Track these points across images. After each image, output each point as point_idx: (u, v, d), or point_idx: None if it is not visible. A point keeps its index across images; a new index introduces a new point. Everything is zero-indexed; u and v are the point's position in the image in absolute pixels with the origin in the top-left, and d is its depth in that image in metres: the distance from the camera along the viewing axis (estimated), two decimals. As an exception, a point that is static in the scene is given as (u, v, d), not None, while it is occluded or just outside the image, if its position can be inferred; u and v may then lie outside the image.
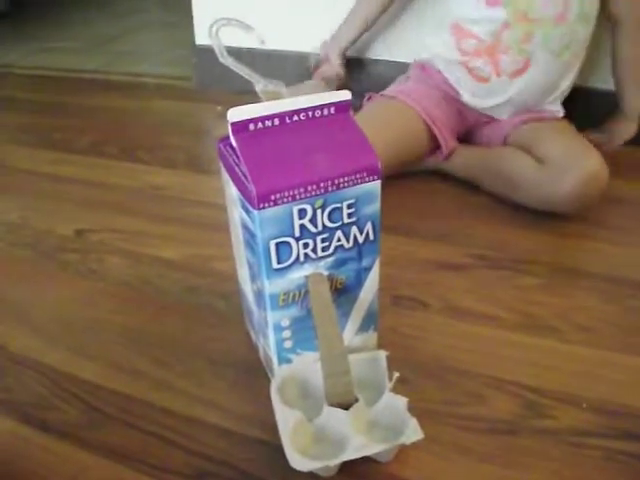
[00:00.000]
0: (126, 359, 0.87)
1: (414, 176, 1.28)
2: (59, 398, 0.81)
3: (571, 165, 1.09)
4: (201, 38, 1.79)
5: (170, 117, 1.70)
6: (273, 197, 0.63)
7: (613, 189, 1.11)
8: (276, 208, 0.64)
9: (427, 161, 1.31)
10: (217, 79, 1.75)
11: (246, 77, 0.73)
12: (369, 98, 1.37)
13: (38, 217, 1.23)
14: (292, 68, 1.66)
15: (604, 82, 1.41)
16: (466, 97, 1.30)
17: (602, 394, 0.79)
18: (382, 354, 0.75)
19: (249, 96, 0.78)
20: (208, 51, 1.76)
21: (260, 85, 0.72)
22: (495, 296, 0.97)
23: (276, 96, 0.70)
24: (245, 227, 0.69)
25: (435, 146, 1.29)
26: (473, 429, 0.75)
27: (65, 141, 1.57)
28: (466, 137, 1.36)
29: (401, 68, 1.44)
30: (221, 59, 0.75)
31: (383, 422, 0.70)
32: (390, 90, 1.34)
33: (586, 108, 1.35)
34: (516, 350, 0.87)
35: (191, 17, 1.79)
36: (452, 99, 1.32)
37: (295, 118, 0.67)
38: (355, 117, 1.25)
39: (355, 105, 0.73)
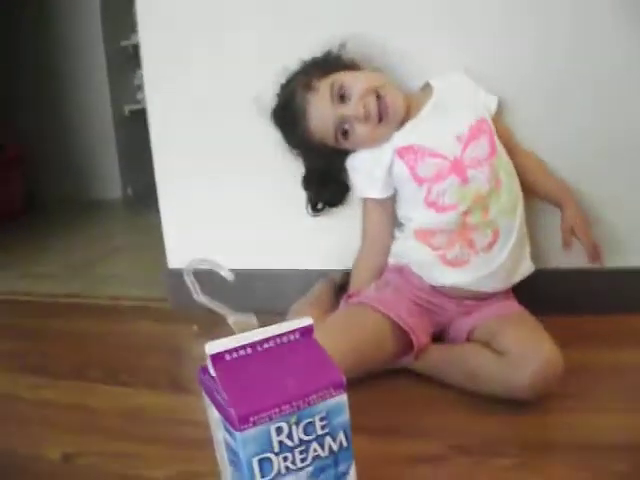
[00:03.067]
0: None
1: (380, 375, 1.31)
2: None
3: (527, 356, 1.15)
4: (173, 261, 1.86)
5: (149, 338, 1.74)
6: (252, 419, 0.70)
7: (570, 359, 1.16)
8: (255, 428, 0.71)
9: (396, 361, 1.34)
10: (191, 299, 1.80)
11: (219, 311, 0.82)
12: (349, 297, 1.43)
13: (23, 443, 1.23)
14: (263, 286, 1.77)
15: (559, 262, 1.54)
16: (449, 282, 1.36)
17: None
18: None
19: (222, 316, 0.86)
20: (181, 273, 1.83)
21: (232, 318, 0.81)
22: (473, 483, 1.00)
23: (247, 327, 0.78)
24: (228, 446, 0.75)
25: (407, 349, 1.32)
26: None
27: (48, 366, 1.59)
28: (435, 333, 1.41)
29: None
30: (195, 297, 0.84)
31: None
32: (369, 297, 1.37)
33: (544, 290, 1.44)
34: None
35: (160, 239, 1.87)
36: (427, 302, 1.38)
37: (265, 345, 0.75)
38: (329, 320, 1.34)
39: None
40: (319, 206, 1.59)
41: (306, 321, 0.77)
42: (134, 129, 2.42)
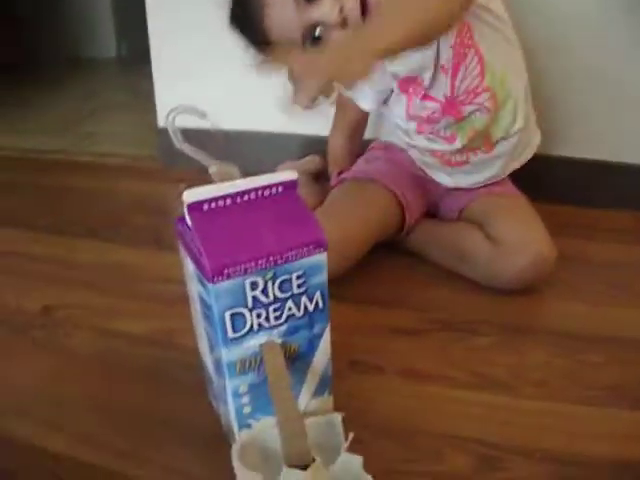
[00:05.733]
0: (93, 431, 0.89)
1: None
2: (27, 470, 0.83)
3: (520, 248, 1.13)
4: (163, 119, 1.82)
5: (135, 196, 1.73)
6: (226, 271, 0.67)
7: (560, 247, 1.15)
8: (229, 281, 0.68)
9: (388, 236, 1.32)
10: (179, 158, 1.78)
11: (201, 161, 0.78)
12: (339, 174, 1.38)
13: (6, 294, 1.25)
14: (247, 146, 1.73)
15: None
16: (440, 179, 1.33)
17: (555, 445, 0.83)
18: (337, 417, 0.77)
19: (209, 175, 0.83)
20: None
21: (213, 167, 0.77)
22: (448, 357, 1.01)
23: (229, 177, 0.75)
24: (202, 300, 0.73)
25: (401, 224, 1.31)
26: (431, 485, 0.78)
27: (31, 221, 1.59)
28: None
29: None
30: (177, 145, 0.80)
31: (341, 482, 0.72)
32: (367, 171, 1.33)
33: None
34: (470, 408, 0.91)
35: (152, 99, 1.85)
36: (418, 177, 1.34)
37: (246, 197, 0.72)
38: (331, 197, 1.30)
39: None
40: None
41: (290, 175, 0.73)
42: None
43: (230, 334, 0.71)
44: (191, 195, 0.69)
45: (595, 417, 0.88)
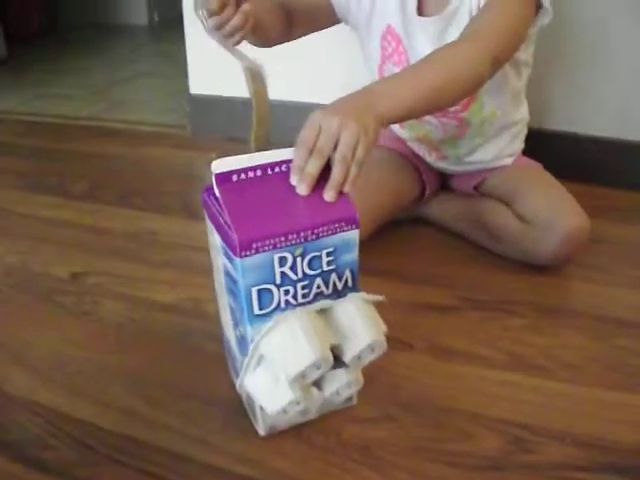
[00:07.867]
0: (120, 399, 0.88)
1: (398, 222, 1.29)
2: (54, 437, 0.82)
3: (553, 225, 1.08)
4: (195, 87, 1.82)
5: (165, 164, 1.72)
6: (255, 245, 0.65)
7: (595, 230, 1.12)
8: (257, 256, 0.66)
9: (411, 208, 1.31)
10: (211, 127, 1.79)
11: (229, 51, 0.77)
12: None
13: (35, 260, 1.25)
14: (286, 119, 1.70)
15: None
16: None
17: (586, 429, 0.81)
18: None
19: (242, 144, 0.81)
20: (202, 100, 1.80)
21: (246, 62, 0.76)
22: (481, 336, 0.99)
23: (259, 74, 0.74)
24: (228, 274, 0.71)
25: (420, 193, 1.30)
26: (460, 465, 0.76)
27: (61, 186, 1.59)
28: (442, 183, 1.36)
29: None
30: (207, 32, 0.79)
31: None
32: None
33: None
34: (502, 388, 0.89)
35: (183, 66, 1.84)
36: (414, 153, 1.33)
37: (277, 169, 0.70)
38: None
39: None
40: None
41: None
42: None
43: (256, 310, 0.70)
44: (220, 165, 0.67)
45: (630, 404, 0.86)
